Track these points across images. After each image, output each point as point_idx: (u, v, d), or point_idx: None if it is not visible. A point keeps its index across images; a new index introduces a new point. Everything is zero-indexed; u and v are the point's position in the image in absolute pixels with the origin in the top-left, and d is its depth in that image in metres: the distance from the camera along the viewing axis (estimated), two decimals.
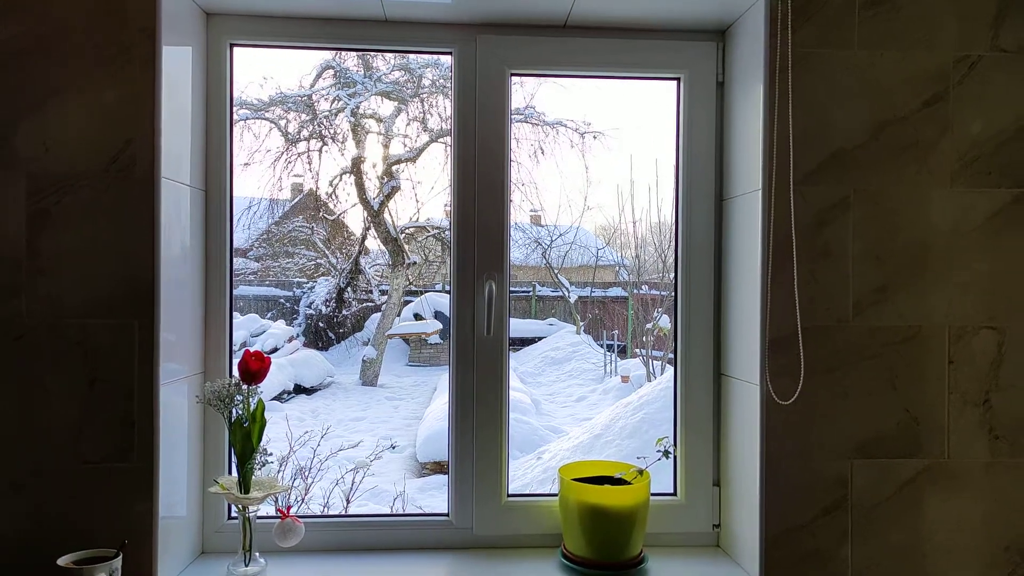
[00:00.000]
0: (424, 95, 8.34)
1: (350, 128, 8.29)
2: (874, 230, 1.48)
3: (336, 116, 8.34)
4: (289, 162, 8.44)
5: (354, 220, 9.65)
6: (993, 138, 1.49)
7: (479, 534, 1.65)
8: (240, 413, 1.47)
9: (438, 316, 9.12)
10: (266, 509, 1.57)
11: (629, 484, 1.56)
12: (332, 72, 8.15)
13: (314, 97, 8.28)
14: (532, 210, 9.36)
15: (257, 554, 1.50)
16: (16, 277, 1.36)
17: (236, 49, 1.64)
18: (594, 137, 8.48)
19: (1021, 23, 1.50)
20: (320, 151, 8.47)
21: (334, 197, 9.02)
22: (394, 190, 8.25)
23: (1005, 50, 1.49)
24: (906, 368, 1.48)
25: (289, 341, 8.61)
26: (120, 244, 1.37)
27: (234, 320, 1.68)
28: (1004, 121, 1.49)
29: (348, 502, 3.58)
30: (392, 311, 8.51)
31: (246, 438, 1.46)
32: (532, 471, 4.50)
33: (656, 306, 8.22)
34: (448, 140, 2.13)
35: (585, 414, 6.52)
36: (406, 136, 8.36)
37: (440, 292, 9.49)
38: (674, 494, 1.71)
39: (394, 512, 3.51)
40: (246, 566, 1.48)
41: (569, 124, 8.38)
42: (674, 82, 1.70)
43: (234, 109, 1.66)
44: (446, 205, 8.86)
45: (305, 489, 3.55)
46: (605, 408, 5.54)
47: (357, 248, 9.35)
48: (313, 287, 9.73)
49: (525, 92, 8.28)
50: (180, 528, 1.51)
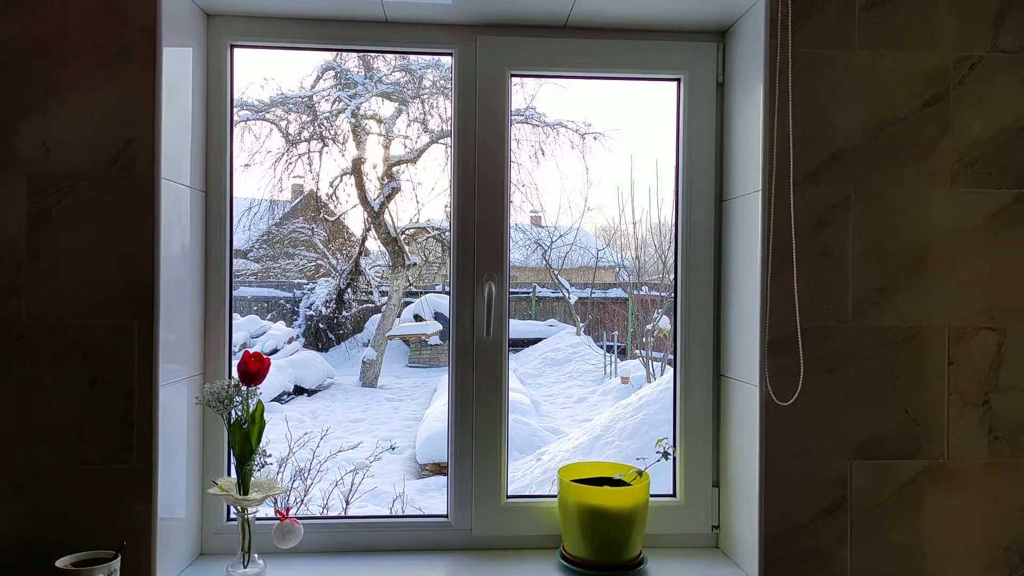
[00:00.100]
0: (425, 96, 8.35)
1: (351, 129, 8.30)
2: (874, 230, 1.48)
3: (337, 117, 8.35)
4: (289, 163, 8.46)
5: (354, 221, 9.67)
6: (993, 138, 1.49)
7: (478, 535, 1.65)
8: (239, 414, 1.47)
9: (438, 317, 9.12)
10: (265, 510, 1.57)
11: (628, 485, 1.56)
12: (333, 73, 8.15)
13: (315, 98, 8.28)
14: (532, 211, 9.37)
15: (256, 555, 1.50)
16: (16, 277, 1.36)
17: (236, 50, 1.64)
18: (594, 138, 8.49)
19: (1021, 24, 1.50)
20: (320, 152, 8.49)
21: (334, 198, 9.03)
22: (394, 191, 8.26)
23: (1005, 51, 1.49)
24: (906, 368, 1.48)
25: (289, 342, 8.61)
26: (120, 244, 1.37)
27: (234, 321, 1.68)
28: (1004, 121, 1.49)
29: (347, 503, 3.57)
30: (392, 312, 8.52)
31: (245, 439, 1.46)
32: (532, 472, 4.49)
33: (656, 307, 8.22)
34: (448, 141, 2.12)
35: (585, 415, 6.52)
36: (407, 137, 8.37)
37: (440, 293, 9.50)
38: (673, 495, 1.71)
39: (393, 513, 3.51)
40: (245, 567, 1.48)
41: (569, 125, 8.39)
42: (674, 83, 1.71)
43: (234, 110, 1.67)
44: (446, 206, 8.86)
45: (304, 490, 3.54)
46: (605, 409, 5.53)
47: (357, 249, 9.35)
48: (313, 288, 9.73)
49: (525, 93, 8.30)
50: (179, 529, 1.51)
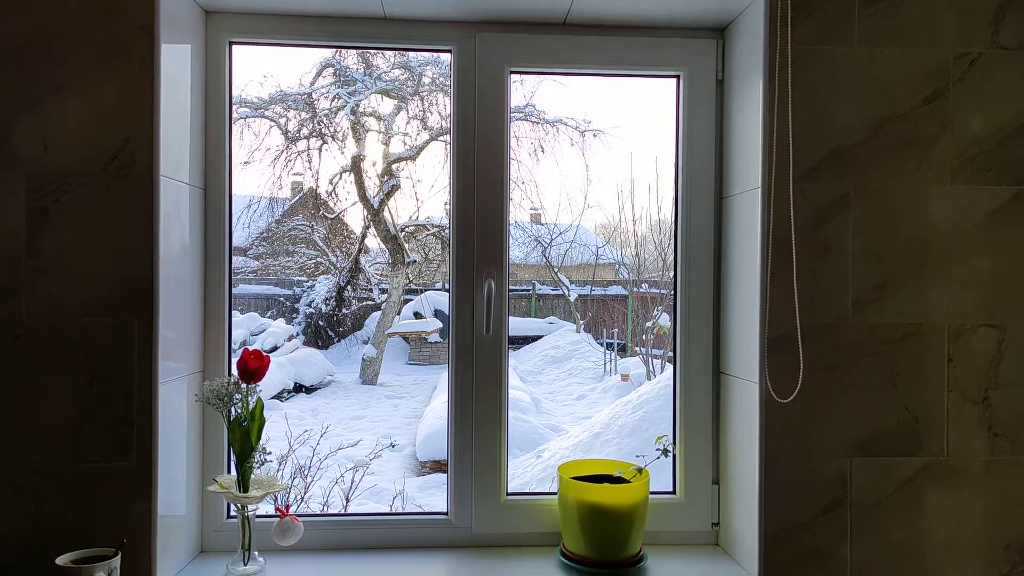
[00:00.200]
0: (424, 93, 8.33)
1: (350, 126, 8.28)
2: (874, 227, 1.47)
3: (336, 114, 8.33)
4: (289, 160, 8.44)
5: (354, 218, 9.65)
6: (993, 135, 1.49)
7: (478, 533, 1.65)
8: (239, 412, 1.47)
9: (438, 314, 9.11)
10: (265, 508, 1.57)
11: (628, 483, 1.56)
12: (332, 70, 8.13)
13: (314, 95, 8.27)
14: (532, 208, 9.35)
15: (256, 553, 1.50)
16: (16, 276, 1.36)
17: (235, 47, 1.64)
18: (594, 135, 8.47)
19: (1021, 20, 1.49)
20: (320, 149, 8.46)
21: (334, 195, 9.01)
22: (394, 188, 8.25)
23: (1005, 47, 1.49)
24: (906, 366, 1.48)
25: (289, 340, 8.61)
26: (119, 243, 1.37)
27: (234, 319, 1.68)
28: (1004, 118, 1.49)
29: (347, 501, 3.58)
30: (392, 309, 8.51)
31: (245, 437, 1.46)
32: (531, 470, 4.49)
33: (656, 304, 8.22)
34: (448, 138, 2.13)
35: (585, 412, 6.52)
36: (406, 134, 8.35)
37: (440, 290, 9.48)
38: (673, 492, 1.71)
39: (393, 511, 3.52)
40: (245, 565, 1.48)
41: (569, 122, 8.37)
42: (674, 80, 1.70)
43: (233, 107, 1.66)
44: (446, 203, 8.84)
45: (304, 488, 3.54)
46: (605, 406, 5.54)
47: (357, 246, 9.34)
48: (313, 286, 9.72)
49: (525, 90, 8.28)
50: (179, 527, 1.51)
